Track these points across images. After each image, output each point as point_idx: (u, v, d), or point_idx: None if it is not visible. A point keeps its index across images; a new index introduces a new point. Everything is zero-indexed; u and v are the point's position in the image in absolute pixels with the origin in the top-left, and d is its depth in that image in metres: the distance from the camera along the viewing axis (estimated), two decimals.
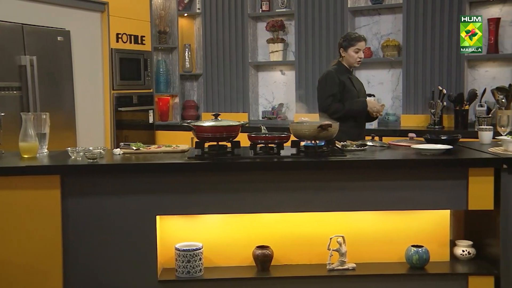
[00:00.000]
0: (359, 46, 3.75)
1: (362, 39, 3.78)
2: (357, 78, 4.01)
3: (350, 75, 3.84)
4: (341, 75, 3.75)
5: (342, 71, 3.79)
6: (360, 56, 3.76)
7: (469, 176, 2.69)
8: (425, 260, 2.77)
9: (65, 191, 2.64)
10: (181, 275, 2.73)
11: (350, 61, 3.77)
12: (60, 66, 4.67)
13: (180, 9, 5.93)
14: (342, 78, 3.74)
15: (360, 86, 3.90)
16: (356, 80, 3.94)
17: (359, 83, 3.94)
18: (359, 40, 3.75)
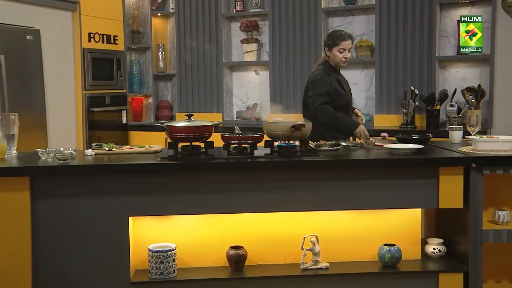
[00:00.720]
0: (344, 46, 3.55)
1: (348, 38, 3.58)
2: (344, 78, 3.82)
3: (338, 75, 3.68)
4: (329, 75, 3.58)
5: (330, 71, 3.62)
6: (345, 56, 3.57)
7: (440, 175, 2.73)
8: (397, 259, 2.80)
9: (34, 193, 2.60)
10: (154, 276, 2.71)
11: (335, 61, 3.59)
12: (30, 65, 4.58)
13: (154, 8, 5.88)
14: (331, 79, 3.58)
15: (347, 87, 3.76)
16: (344, 81, 3.77)
17: (347, 84, 3.78)
18: (343, 39, 3.55)
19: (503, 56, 4.66)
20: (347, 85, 3.78)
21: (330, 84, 3.54)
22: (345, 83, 3.77)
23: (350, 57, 3.66)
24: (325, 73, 3.59)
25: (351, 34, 3.68)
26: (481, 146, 2.89)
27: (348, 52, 3.61)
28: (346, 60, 3.62)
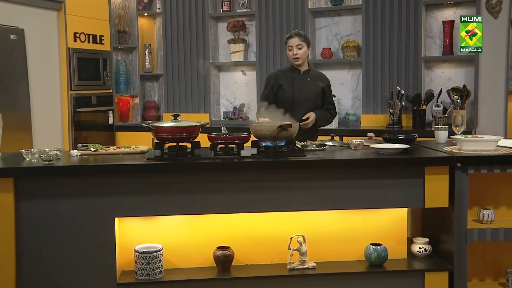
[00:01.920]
0: (291, 43, 3.69)
1: (294, 36, 3.71)
2: (313, 79, 3.77)
3: (297, 74, 3.75)
4: (282, 74, 3.76)
5: (288, 71, 3.79)
6: (294, 53, 3.69)
7: (425, 174, 2.75)
8: (383, 258, 2.82)
9: (19, 194, 2.57)
10: (140, 277, 2.69)
11: (289, 59, 3.76)
12: (14, 65, 4.53)
13: (140, 8, 5.85)
14: (282, 78, 3.74)
15: (304, 87, 3.70)
16: (303, 81, 3.73)
17: (306, 84, 3.72)
18: (290, 37, 3.71)
19: (488, 57, 4.70)
20: (305, 85, 3.73)
21: (270, 86, 3.75)
22: (304, 83, 3.73)
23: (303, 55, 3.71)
24: (282, 73, 3.80)
25: (299, 32, 3.77)
26: (466, 145, 2.91)
27: (298, 49, 3.69)
28: (297, 58, 3.70)
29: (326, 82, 3.85)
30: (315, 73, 3.90)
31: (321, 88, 3.79)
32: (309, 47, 3.77)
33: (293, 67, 3.78)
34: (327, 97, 3.84)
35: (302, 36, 3.72)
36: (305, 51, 3.72)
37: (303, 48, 3.70)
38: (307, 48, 3.73)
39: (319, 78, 3.84)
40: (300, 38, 3.70)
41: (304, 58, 3.73)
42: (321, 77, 3.86)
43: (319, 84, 3.79)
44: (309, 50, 3.78)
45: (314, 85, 3.78)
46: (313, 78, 3.80)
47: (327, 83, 3.85)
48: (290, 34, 3.75)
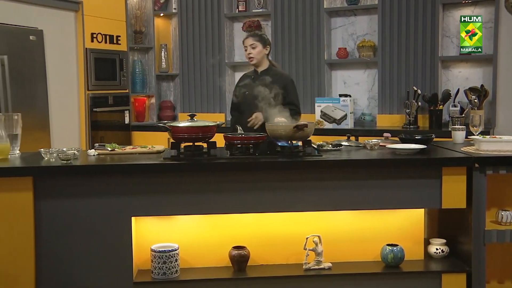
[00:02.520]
0: (245, 44, 3.73)
1: (248, 36, 3.74)
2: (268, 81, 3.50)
3: (255, 75, 3.75)
4: (246, 77, 3.81)
5: (250, 74, 3.83)
6: (249, 52, 3.70)
7: (442, 175, 2.73)
8: (400, 259, 2.80)
9: (38, 193, 2.60)
10: (157, 276, 2.71)
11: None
12: (33, 65, 4.59)
13: (156, 9, 5.89)
14: (244, 80, 3.78)
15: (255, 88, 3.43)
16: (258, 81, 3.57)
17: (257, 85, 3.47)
18: (245, 38, 3.76)
19: (506, 56, 4.65)
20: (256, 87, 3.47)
21: (236, 90, 3.80)
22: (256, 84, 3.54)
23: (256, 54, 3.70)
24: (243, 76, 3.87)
25: (255, 32, 3.81)
26: (484, 146, 2.88)
27: (251, 48, 3.69)
28: (251, 57, 3.71)
29: (284, 82, 3.65)
30: (275, 73, 3.74)
31: (277, 90, 3.45)
32: (266, 46, 3.73)
33: (254, 70, 3.82)
34: (285, 97, 3.57)
35: (257, 36, 3.74)
36: (260, 50, 3.70)
37: (257, 48, 3.70)
38: (262, 48, 3.71)
39: (278, 79, 3.62)
40: (255, 38, 3.71)
41: (258, 57, 3.72)
42: (279, 78, 3.67)
43: (275, 85, 3.48)
44: (267, 50, 3.75)
45: (268, 86, 3.48)
46: (268, 81, 3.54)
47: (284, 83, 3.64)
48: (247, 34, 3.82)
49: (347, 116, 5.06)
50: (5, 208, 2.57)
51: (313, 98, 5.31)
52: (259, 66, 3.78)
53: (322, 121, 5.11)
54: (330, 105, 5.12)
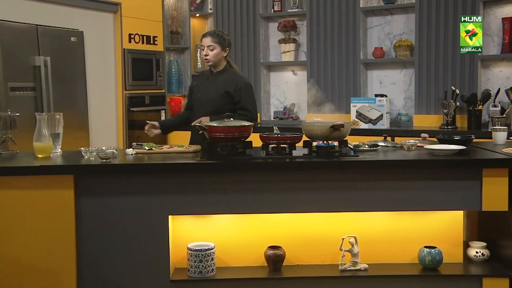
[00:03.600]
0: (203, 43, 3.52)
1: (208, 35, 3.52)
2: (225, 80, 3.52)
3: (210, 75, 3.59)
4: (200, 77, 3.73)
5: (204, 73, 3.73)
6: (204, 53, 3.50)
7: (483, 176, 2.67)
8: (438, 261, 2.75)
9: (78, 191, 2.66)
10: (193, 275, 2.74)
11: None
12: (74, 66, 4.71)
13: (192, 9, 5.95)
14: (198, 80, 3.71)
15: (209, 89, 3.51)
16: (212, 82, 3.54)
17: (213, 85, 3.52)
18: (204, 36, 3.55)
19: None
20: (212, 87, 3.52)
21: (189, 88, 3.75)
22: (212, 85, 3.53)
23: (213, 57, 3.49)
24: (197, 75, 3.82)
25: (215, 31, 3.58)
26: None
27: (209, 50, 3.48)
28: (206, 59, 3.52)
29: (237, 85, 3.49)
30: (230, 74, 3.57)
31: (225, 91, 3.48)
32: (225, 49, 3.52)
33: (209, 69, 3.63)
34: (238, 102, 3.49)
35: (216, 36, 3.50)
36: (217, 53, 3.48)
37: (215, 50, 3.47)
38: (221, 50, 3.49)
39: (232, 81, 3.51)
40: (214, 39, 3.48)
41: (215, 60, 3.50)
42: (233, 80, 3.52)
43: (225, 87, 3.49)
44: (226, 52, 3.53)
45: (219, 88, 3.51)
46: (223, 80, 3.53)
47: (238, 87, 3.48)
48: (206, 32, 3.61)
49: (383, 116, 5.01)
50: (47, 205, 2.64)
51: (349, 98, 5.27)
52: (215, 67, 3.57)
53: (357, 121, 5.07)
54: (366, 105, 5.07)
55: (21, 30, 4.26)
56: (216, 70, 3.58)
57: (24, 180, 2.64)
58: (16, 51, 4.20)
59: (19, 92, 4.19)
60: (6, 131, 2.93)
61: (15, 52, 4.19)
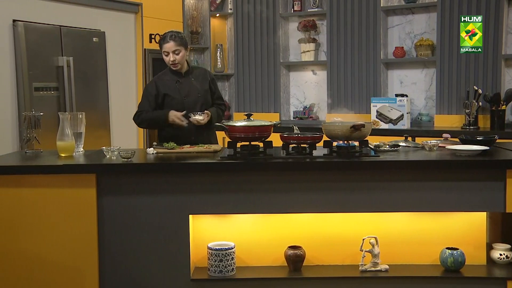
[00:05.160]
0: (166, 49, 3.37)
1: (169, 40, 3.36)
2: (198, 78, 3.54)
3: (180, 78, 3.48)
4: (163, 81, 3.47)
5: (168, 76, 3.49)
6: (171, 59, 3.38)
7: (507, 178, 2.63)
8: (460, 263, 2.72)
9: (100, 190, 2.69)
10: (213, 274, 2.75)
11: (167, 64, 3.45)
12: (96, 66, 4.76)
13: (212, 9, 5.97)
14: (163, 85, 3.45)
15: (190, 89, 3.48)
16: (187, 83, 3.49)
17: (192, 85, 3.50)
18: (165, 42, 3.38)
19: None
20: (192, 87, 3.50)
21: (152, 94, 3.45)
22: (190, 85, 3.50)
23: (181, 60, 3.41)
24: (157, 79, 3.52)
25: (174, 34, 3.41)
26: None
27: (175, 54, 3.38)
28: (174, 63, 3.41)
29: (210, 76, 3.61)
30: (197, 70, 3.62)
31: (207, 86, 3.56)
32: (187, 48, 3.49)
33: (172, 71, 3.50)
34: (214, 92, 3.61)
35: (178, 39, 3.40)
36: (183, 54, 3.43)
37: (180, 53, 3.40)
38: (185, 51, 3.44)
39: (202, 75, 3.58)
40: (176, 43, 3.38)
41: (182, 62, 3.45)
42: (204, 74, 3.61)
43: (205, 83, 3.56)
44: (188, 51, 3.51)
45: (200, 85, 3.54)
46: (197, 77, 3.55)
47: (211, 77, 3.61)
48: (164, 36, 3.40)
49: (404, 116, 4.97)
50: (69, 203, 2.68)
51: (369, 98, 5.24)
52: (182, 68, 3.50)
53: (378, 121, 5.04)
54: (386, 105, 5.03)
55: (45, 31, 4.32)
56: (184, 70, 3.52)
57: (47, 178, 2.68)
58: (40, 51, 4.26)
59: (42, 92, 4.26)
60: (31, 130, 2.98)
61: (39, 53, 4.26)
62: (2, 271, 2.67)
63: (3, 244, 2.67)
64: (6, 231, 2.67)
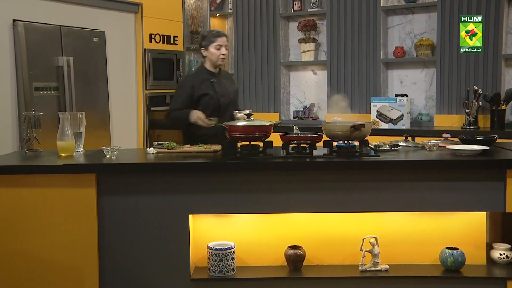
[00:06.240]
0: (220, 42, 3.51)
1: (222, 35, 3.56)
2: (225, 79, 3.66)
3: (213, 78, 3.55)
4: (199, 81, 3.51)
5: (203, 75, 3.54)
6: (223, 52, 3.53)
7: (507, 177, 2.63)
8: (460, 263, 2.72)
9: (100, 189, 2.69)
10: (213, 274, 2.75)
11: (213, 59, 3.53)
12: (95, 66, 4.76)
13: (212, 9, 5.97)
14: (200, 84, 3.50)
15: (224, 90, 3.56)
16: (221, 83, 3.58)
17: (225, 86, 3.60)
18: (219, 36, 3.53)
19: None
20: (224, 88, 3.59)
21: (188, 91, 3.48)
22: (222, 85, 3.59)
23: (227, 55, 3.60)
24: (196, 76, 3.55)
25: (223, 32, 3.65)
26: None
27: (225, 49, 3.55)
28: (224, 58, 3.56)
29: (236, 82, 3.84)
30: (224, 72, 3.75)
31: (236, 88, 3.74)
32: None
33: (206, 70, 3.57)
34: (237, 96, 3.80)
35: (227, 37, 3.62)
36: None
37: (227, 50, 3.59)
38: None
39: (229, 78, 3.77)
40: (227, 38, 3.59)
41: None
42: (230, 77, 3.81)
43: (233, 85, 3.72)
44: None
45: (230, 86, 3.66)
46: (226, 79, 3.69)
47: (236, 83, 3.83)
48: (217, 32, 3.58)
49: (404, 116, 4.97)
50: (70, 203, 2.67)
51: (369, 97, 5.24)
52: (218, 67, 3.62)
53: (378, 121, 5.04)
54: (386, 105, 5.04)
55: (45, 30, 4.32)
56: (217, 70, 3.61)
57: (47, 178, 2.68)
58: (40, 51, 4.26)
59: (42, 92, 4.25)
60: (31, 130, 2.98)
61: (39, 53, 4.25)
62: (2, 271, 2.67)
63: (3, 244, 2.67)
64: (6, 231, 2.67)
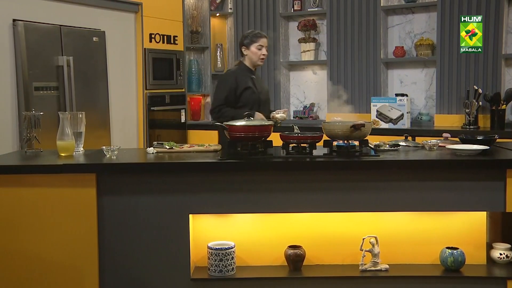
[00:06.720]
0: (262, 43, 3.65)
1: (264, 36, 3.69)
2: (260, 78, 3.92)
3: (252, 75, 3.71)
4: (241, 75, 3.65)
5: (243, 71, 3.68)
6: (264, 53, 3.67)
7: (507, 177, 2.63)
8: (460, 263, 2.72)
9: (100, 189, 2.69)
10: (213, 273, 2.75)
11: (253, 59, 3.67)
12: (95, 66, 4.76)
13: (212, 9, 5.97)
14: (242, 79, 3.63)
15: (262, 87, 3.77)
16: (259, 80, 3.80)
17: (261, 84, 3.83)
18: (261, 37, 3.67)
19: None
20: (262, 85, 3.81)
21: (230, 86, 3.59)
22: (260, 82, 3.81)
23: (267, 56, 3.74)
24: (237, 73, 3.66)
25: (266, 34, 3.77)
26: None
27: (266, 50, 3.68)
28: (264, 58, 3.69)
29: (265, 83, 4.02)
30: (257, 73, 3.89)
31: (268, 88, 3.94)
32: None
33: (246, 67, 3.72)
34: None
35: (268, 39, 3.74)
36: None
37: (267, 51, 3.73)
38: None
39: (260, 77, 3.95)
40: (268, 40, 3.72)
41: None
42: (260, 77, 3.97)
43: (265, 83, 3.96)
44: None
45: (264, 85, 3.92)
46: (258, 77, 3.87)
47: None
48: (259, 33, 3.71)
49: (404, 115, 4.97)
50: (70, 203, 2.67)
51: (369, 97, 5.24)
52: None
53: (378, 120, 5.04)
54: (387, 104, 5.04)
55: (45, 30, 4.32)
56: (254, 69, 3.76)
57: (47, 178, 2.67)
58: (40, 51, 4.26)
59: (42, 92, 4.26)
60: (31, 130, 2.98)
61: (39, 52, 4.25)
62: (2, 271, 2.67)
63: (3, 244, 2.67)
64: (6, 231, 2.67)
